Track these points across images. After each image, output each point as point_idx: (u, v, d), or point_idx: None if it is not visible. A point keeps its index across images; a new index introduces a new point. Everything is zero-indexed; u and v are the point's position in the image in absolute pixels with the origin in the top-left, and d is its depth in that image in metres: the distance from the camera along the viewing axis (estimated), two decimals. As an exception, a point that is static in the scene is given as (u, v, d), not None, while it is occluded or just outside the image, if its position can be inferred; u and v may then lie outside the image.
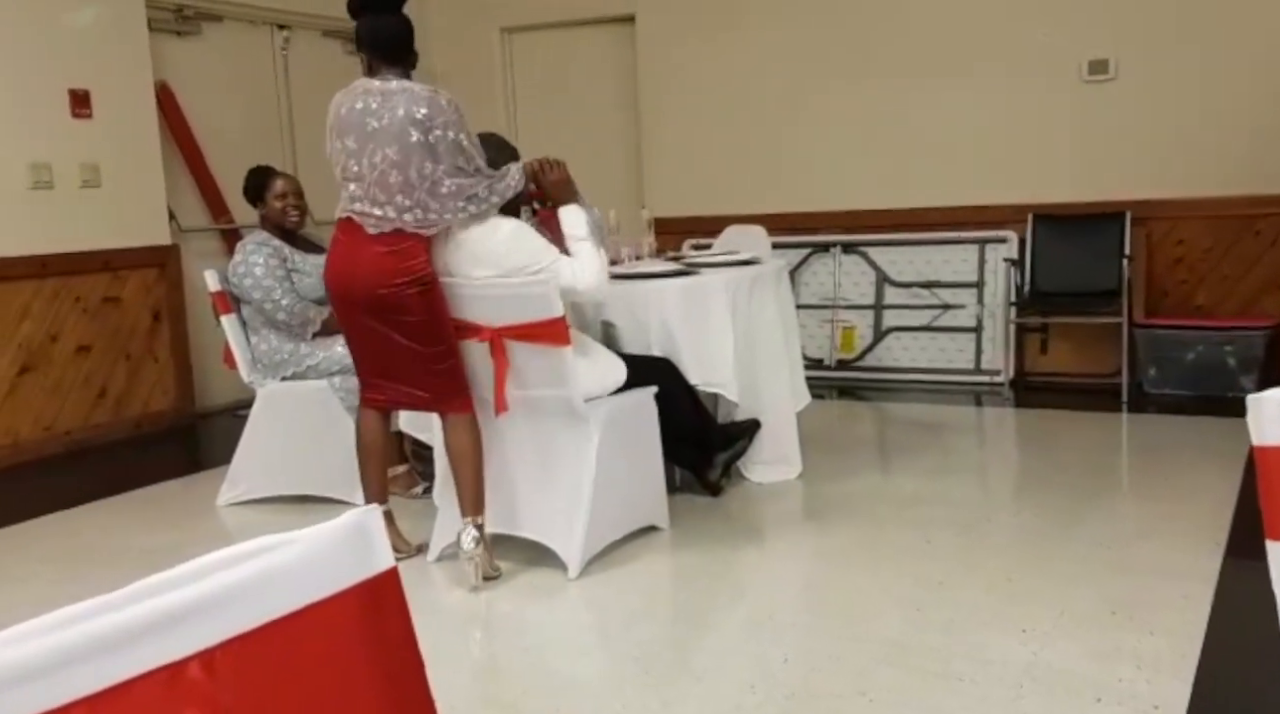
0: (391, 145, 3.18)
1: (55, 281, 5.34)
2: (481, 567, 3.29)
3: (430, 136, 3.17)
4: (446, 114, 3.19)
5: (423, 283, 3.24)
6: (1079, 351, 5.98)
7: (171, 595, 0.79)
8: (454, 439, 3.36)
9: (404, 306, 3.23)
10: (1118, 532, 3.62)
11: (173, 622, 0.79)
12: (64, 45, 5.40)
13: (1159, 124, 5.76)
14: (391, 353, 3.32)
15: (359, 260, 3.25)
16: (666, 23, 6.84)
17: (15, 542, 4.01)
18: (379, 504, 3.45)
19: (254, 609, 0.83)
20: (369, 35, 3.28)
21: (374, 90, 3.25)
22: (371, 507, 0.92)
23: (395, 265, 3.21)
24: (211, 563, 0.83)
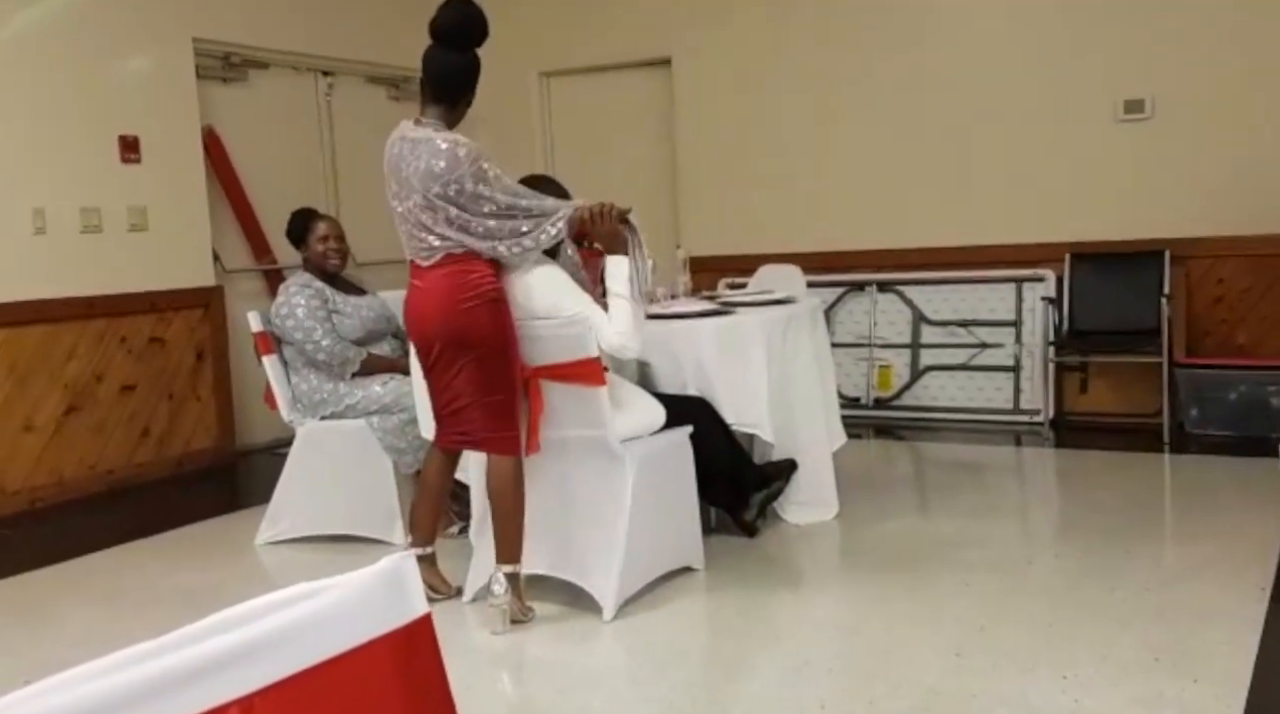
0: (417, 194, 3.24)
1: (102, 322, 5.45)
2: (510, 613, 3.28)
3: (450, 190, 3.21)
4: (463, 167, 3.20)
5: (492, 299, 3.24)
6: (1119, 391, 5.92)
7: (212, 642, 0.81)
8: (496, 481, 3.33)
9: (477, 322, 3.22)
10: (1160, 575, 3.57)
11: (214, 668, 0.81)
12: (115, 92, 5.54)
13: (1196, 163, 5.73)
14: (456, 385, 3.30)
15: (426, 292, 3.29)
16: (702, 65, 6.91)
17: (60, 580, 4.06)
18: (425, 545, 3.46)
19: (293, 656, 0.85)
20: (430, 65, 3.34)
21: (407, 138, 3.31)
22: (407, 553, 0.94)
23: (458, 282, 3.22)
24: (251, 610, 0.84)
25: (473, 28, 3.31)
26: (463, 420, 3.33)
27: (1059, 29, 5.97)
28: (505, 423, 3.30)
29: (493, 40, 3.36)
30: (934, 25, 6.26)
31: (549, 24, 7.34)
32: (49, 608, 3.76)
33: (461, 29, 3.30)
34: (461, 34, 3.30)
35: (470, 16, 3.30)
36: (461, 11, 3.30)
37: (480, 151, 3.27)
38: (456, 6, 3.31)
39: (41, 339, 5.19)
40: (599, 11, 7.17)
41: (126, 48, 5.59)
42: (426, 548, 3.53)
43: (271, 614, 0.85)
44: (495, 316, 3.25)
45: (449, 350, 3.28)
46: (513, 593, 3.31)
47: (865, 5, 6.41)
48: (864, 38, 6.42)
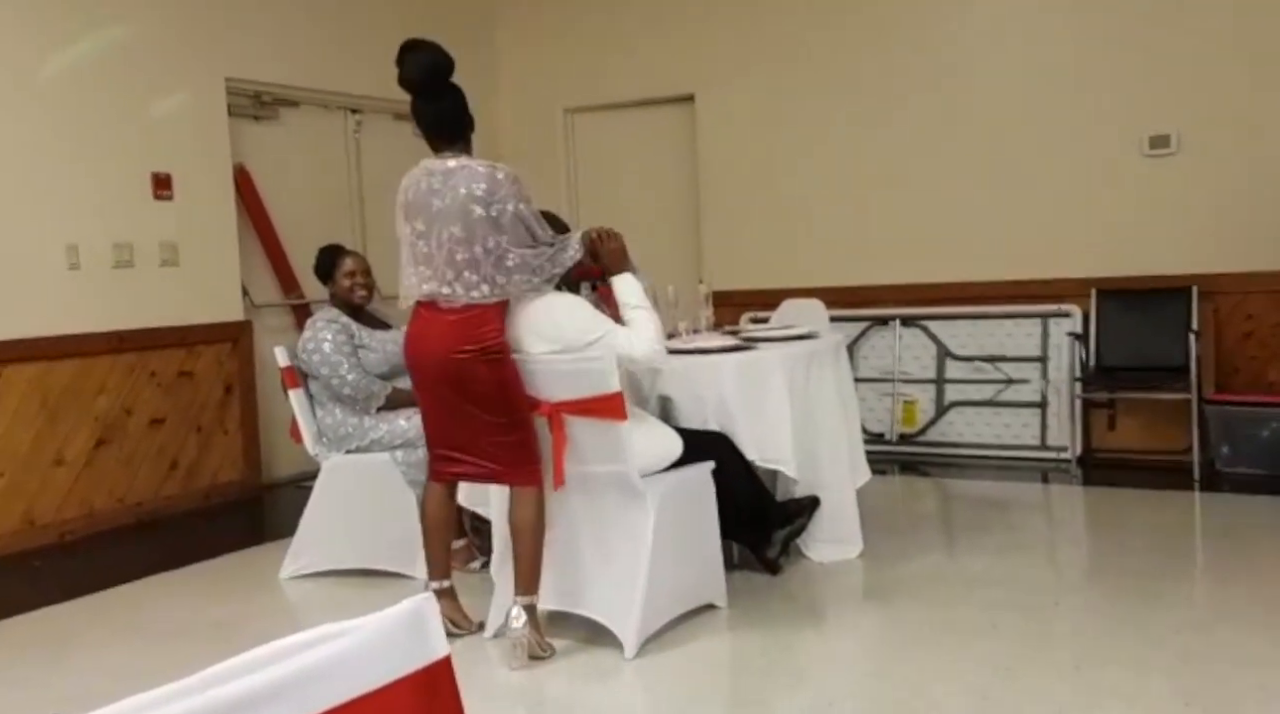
0: (455, 223, 3.26)
1: (132, 356, 5.51)
2: (528, 648, 3.28)
3: (491, 211, 3.25)
4: (505, 188, 3.27)
5: (494, 352, 3.28)
6: (1148, 428, 5.87)
7: (237, 684, 0.82)
8: (518, 513, 3.36)
9: (475, 375, 3.28)
10: (1191, 617, 3.52)
11: (238, 710, 0.82)
12: (149, 130, 5.63)
13: (1222, 198, 5.71)
14: (463, 423, 3.35)
15: (432, 331, 3.33)
16: (725, 102, 6.96)
17: (88, 612, 4.09)
18: (442, 580, 3.48)
19: (315, 698, 0.86)
20: (422, 118, 3.39)
21: (436, 170, 3.34)
22: (428, 595, 0.95)
23: (466, 333, 3.27)
24: (275, 651, 0.85)
25: (440, 68, 3.35)
26: (478, 457, 3.38)
27: (1084, 65, 5.98)
28: (524, 456, 3.35)
29: (517, 77, 3.43)
30: (958, 61, 6.29)
31: (574, 61, 7.42)
32: (76, 640, 3.78)
33: (432, 74, 3.34)
34: (433, 79, 3.35)
35: (433, 60, 3.33)
36: (423, 59, 3.32)
37: (518, 175, 3.32)
38: (414, 56, 3.33)
39: (73, 373, 5.26)
40: (623, 49, 7.24)
41: (161, 87, 5.69)
42: (444, 582, 3.54)
43: (295, 655, 0.86)
44: (494, 370, 3.29)
45: (449, 392, 3.33)
46: (531, 627, 3.31)
47: (889, 42, 6.45)
48: (888, 74, 6.45)
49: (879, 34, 6.47)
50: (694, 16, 6.99)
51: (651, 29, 7.13)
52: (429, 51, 3.34)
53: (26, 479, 5.07)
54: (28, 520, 5.07)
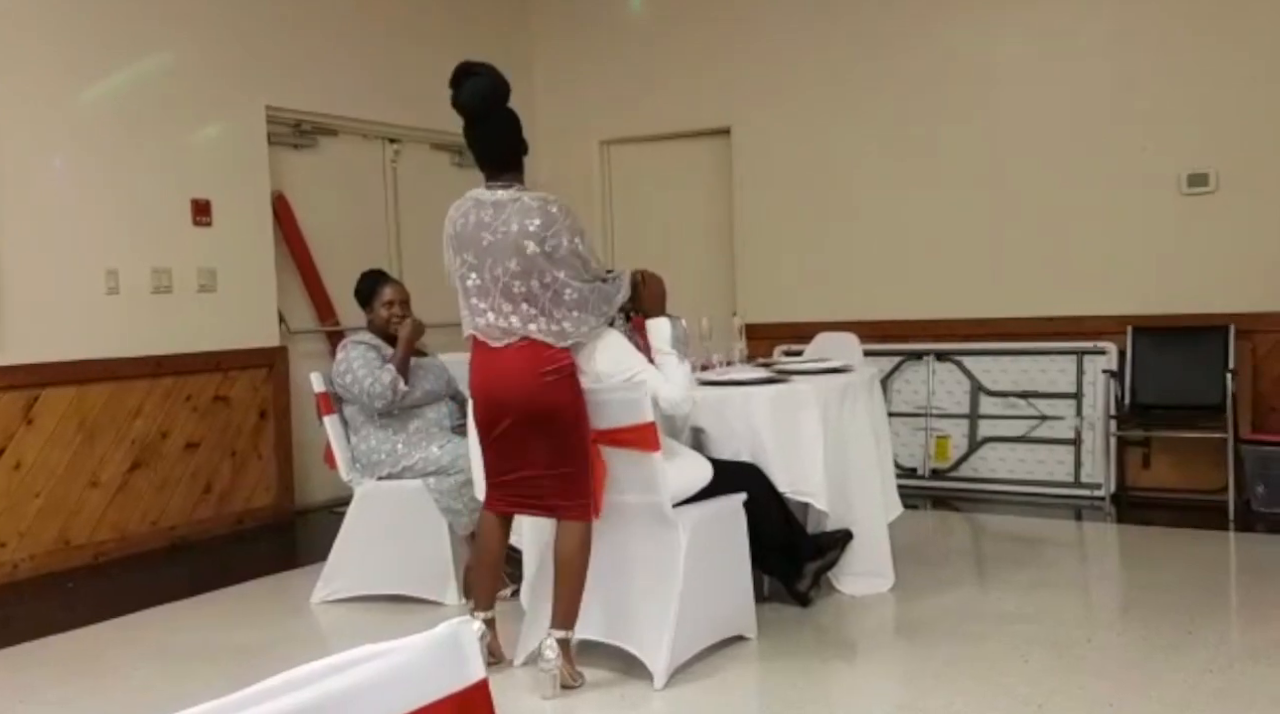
0: (511, 259, 3.20)
1: (169, 381, 5.58)
2: (560, 678, 3.27)
3: (546, 246, 3.19)
4: (560, 222, 3.21)
5: (570, 373, 3.26)
6: (1183, 467, 5.80)
7: (273, 704, 0.83)
8: (564, 545, 3.31)
9: (557, 399, 3.21)
10: (1225, 656, 3.47)
11: (275, 728, 0.83)
12: (190, 157, 5.73)
13: (1261, 237, 5.67)
14: (527, 453, 3.29)
15: (503, 363, 3.25)
16: (760, 135, 6.99)
17: (119, 635, 4.12)
18: (487, 611, 3.45)
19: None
20: (474, 144, 3.33)
21: (485, 202, 3.27)
22: (465, 618, 0.96)
23: (536, 355, 3.22)
24: (312, 672, 0.87)
25: (496, 94, 3.27)
26: (534, 488, 3.33)
27: (1123, 102, 5.97)
28: (578, 490, 3.30)
29: (554, 109, 3.44)
30: (995, 97, 6.29)
31: (610, 93, 7.48)
32: (108, 662, 3.81)
33: (487, 100, 3.27)
34: (488, 105, 3.27)
35: (489, 85, 3.26)
36: (479, 84, 3.26)
37: (568, 207, 3.27)
38: (471, 81, 3.26)
39: (110, 396, 5.33)
40: (659, 81, 7.30)
41: (203, 114, 5.79)
42: (489, 613, 3.50)
43: (332, 677, 0.87)
44: (575, 390, 3.26)
45: (523, 424, 3.26)
46: (565, 659, 3.29)
47: (926, 77, 6.46)
48: (924, 109, 6.46)
49: (916, 69, 6.49)
50: (730, 50, 7.04)
51: (687, 62, 7.18)
52: (484, 76, 3.28)
53: (62, 500, 5.13)
54: (63, 540, 5.13)
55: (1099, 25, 6.05)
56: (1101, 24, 6.05)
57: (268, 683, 0.87)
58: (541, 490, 3.32)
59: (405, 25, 6.84)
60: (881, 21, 6.60)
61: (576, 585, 3.30)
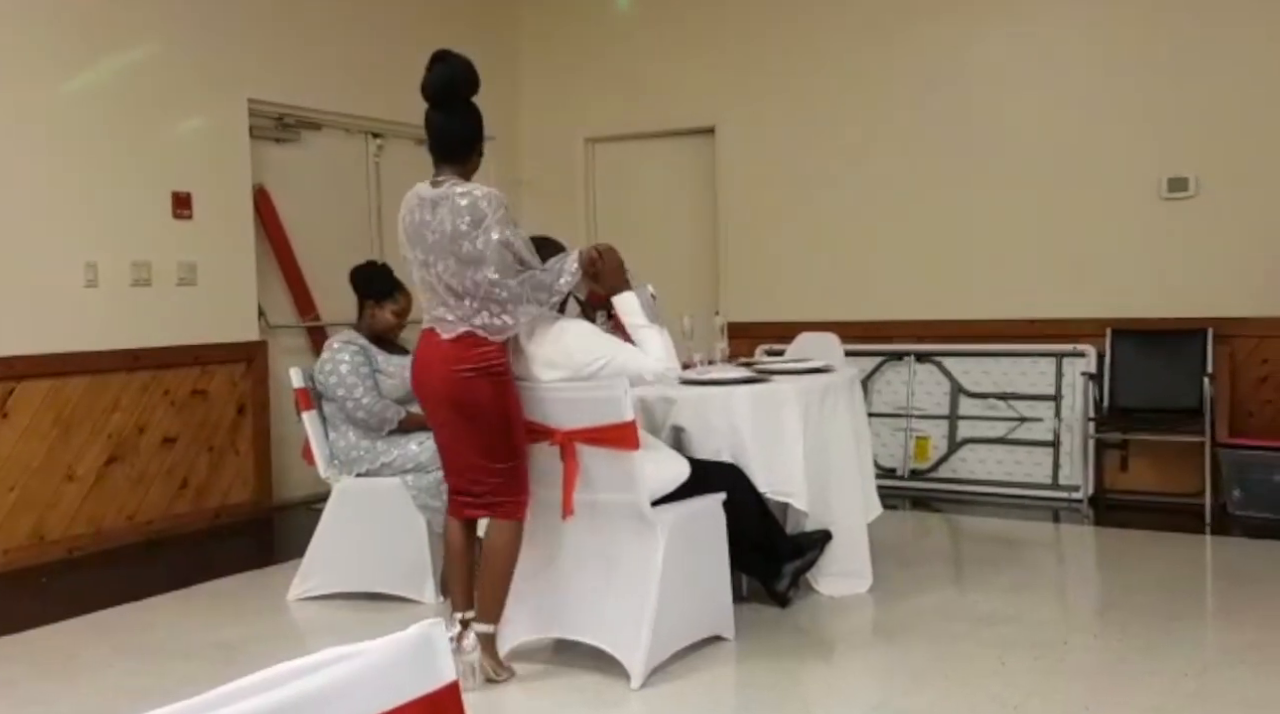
0: (447, 258, 3.24)
1: (146, 375, 5.54)
2: (485, 671, 3.30)
3: (477, 244, 3.21)
4: (489, 217, 3.21)
5: (494, 372, 3.27)
6: (1160, 470, 5.84)
7: (241, 705, 0.82)
8: (492, 541, 3.37)
9: (477, 395, 3.26)
10: (1202, 660, 3.49)
11: (242, 730, 0.82)
12: (170, 150, 5.69)
13: (1240, 242, 5.70)
14: (461, 449, 3.35)
15: (434, 354, 3.33)
16: (745, 135, 6.99)
17: (94, 630, 4.09)
18: (466, 609, 3.43)
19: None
20: (429, 128, 3.36)
21: (426, 200, 3.31)
22: (436, 620, 0.95)
23: (465, 352, 3.26)
24: (281, 674, 0.86)
25: (458, 84, 3.31)
26: (471, 485, 3.38)
27: (1104, 106, 5.99)
28: (510, 489, 3.34)
29: (539, 106, 3.43)
30: (978, 100, 6.31)
31: (595, 91, 7.47)
32: (82, 658, 3.78)
33: (448, 88, 3.31)
34: (449, 93, 3.31)
35: (454, 74, 3.31)
36: (444, 70, 3.31)
37: (497, 196, 3.26)
38: (438, 65, 3.32)
39: (87, 390, 5.29)
40: (645, 80, 7.29)
41: (184, 107, 5.75)
42: (467, 613, 3.48)
43: (302, 678, 0.86)
44: (496, 389, 3.28)
45: (451, 418, 3.33)
46: (488, 653, 3.33)
47: (909, 80, 6.48)
48: (907, 112, 6.48)
49: (899, 73, 6.50)
50: (716, 49, 7.04)
51: (673, 61, 7.18)
52: (451, 63, 3.32)
53: (37, 494, 5.09)
54: (37, 535, 5.08)
55: (1081, 29, 6.08)
56: (1084, 28, 6.07)
57: (235, 684, 0.86)
58: (476, 488, 3.36)
59: (390, 19, 6.81)
60: (866, 24, 6.61)
61: (502, 582, 3.35)
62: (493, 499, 3.35)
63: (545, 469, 3.42)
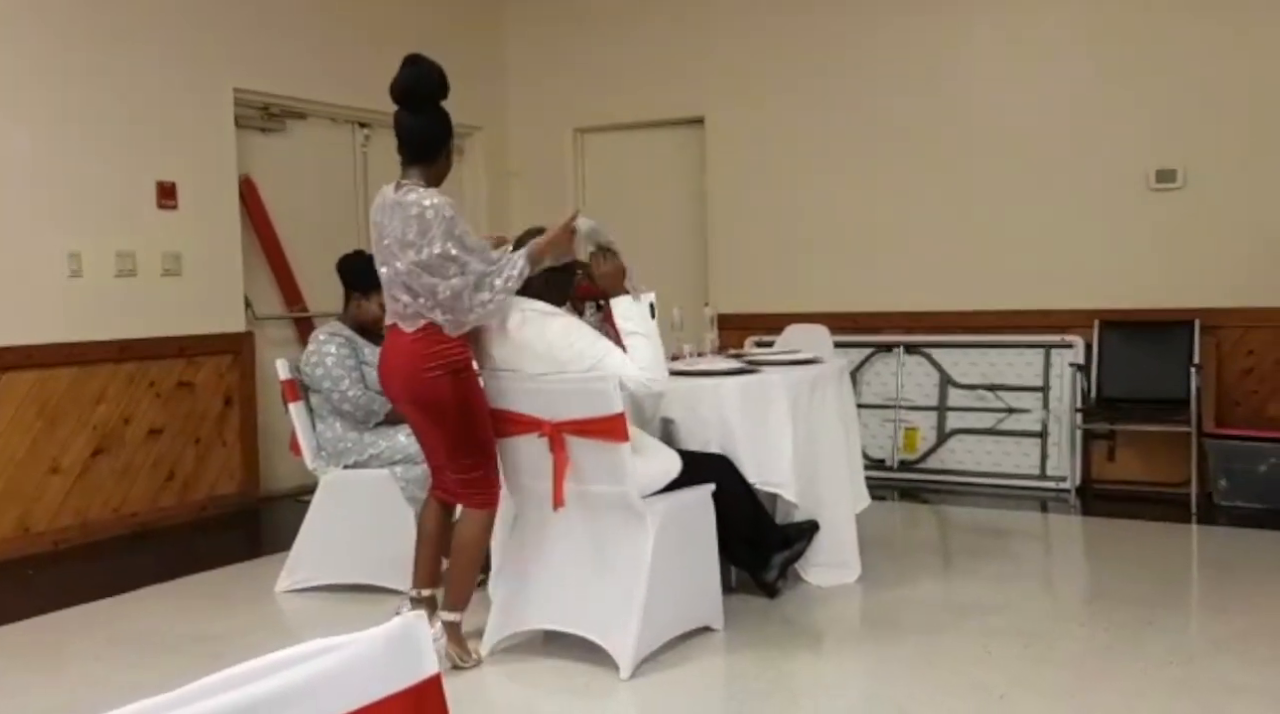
0: (398, 261, 3.29)
1: (132, 366, 5.51)
2: (451, 659, 3.35)
3: (422, 254, 3.24)
4: (432, 230, 3.23)
5: (454, 369, 3.31)
6: (1147, 460, 5.86)
7: (221, 699, 0.81)
8: (462, 531, 3.44)
9: (439, 394, 3.30)
10: (1185, 648, 3.51)
11: (222, 724, 0.81)
12: (155, 139, 5.65)
13: (1228, 233, 5.72)
14: (431, 440, 3.45)
15: (397, 350, 3.37)
16: (735, 125, 6.98)
17: (79, 623, 4.07)
18: (424, 588, 3.51)
19: (304, 713, 0.85)
20: (397, 130, 3.39)
21: (387, 203, 3.35)
22: (419, 613, 0.94)
23: (425, 350, 3.29)
24: (261, 667, 0.85)
25: (425, 87, 3.34)
26: (442, 474, 3.48)
27: (1094, 98, 6.00)
28: (477, 481, 3.40)
29: (528, 96, 3.42)
30: (967, 92, 6.31)
31: (585, 81, 7.45)
32: (67, 650, 3.76)
33: (415, 90, 3.34)
34: (416, 95, 3.35)
35: (421, 76, 3.34)
36: (413, 73, 3.34)
37: (445, 207, 3.25)
38: (408, 68, 3.36)
39: (72, 381, 5.26)
40: (634, 70, 7.27)
41: (169, 96, 5.71)
42: (424, 591, 3.55)
43: (282, 671, 0.85)
44: (457, 387, 3.32)
45: (415, 412, 3.40)
46: (454, 641, 3.38)
47: (898, 70, 6.47)
48: (897, 102, 6.47)
49: (888, 64, 6.50)
50: (705, 40, 7.02)
51: (663, 51, 7.16)
52: (421, 66, 3.35)
53: (22, 486, 5.06)
54: (22, 527, 5.06)
55: (1070, 21, 6.08)
56: (1072, 19, 6.08)
57: (216, 677, 0.85)
58: (447, 476, 3.45)
59: (377, 9, 6.77)
60: (855, 15, 6.60)
61: (472, 572, 3.42)
62: (462, 490, 3.43)
63: (535, 461, 3.41)
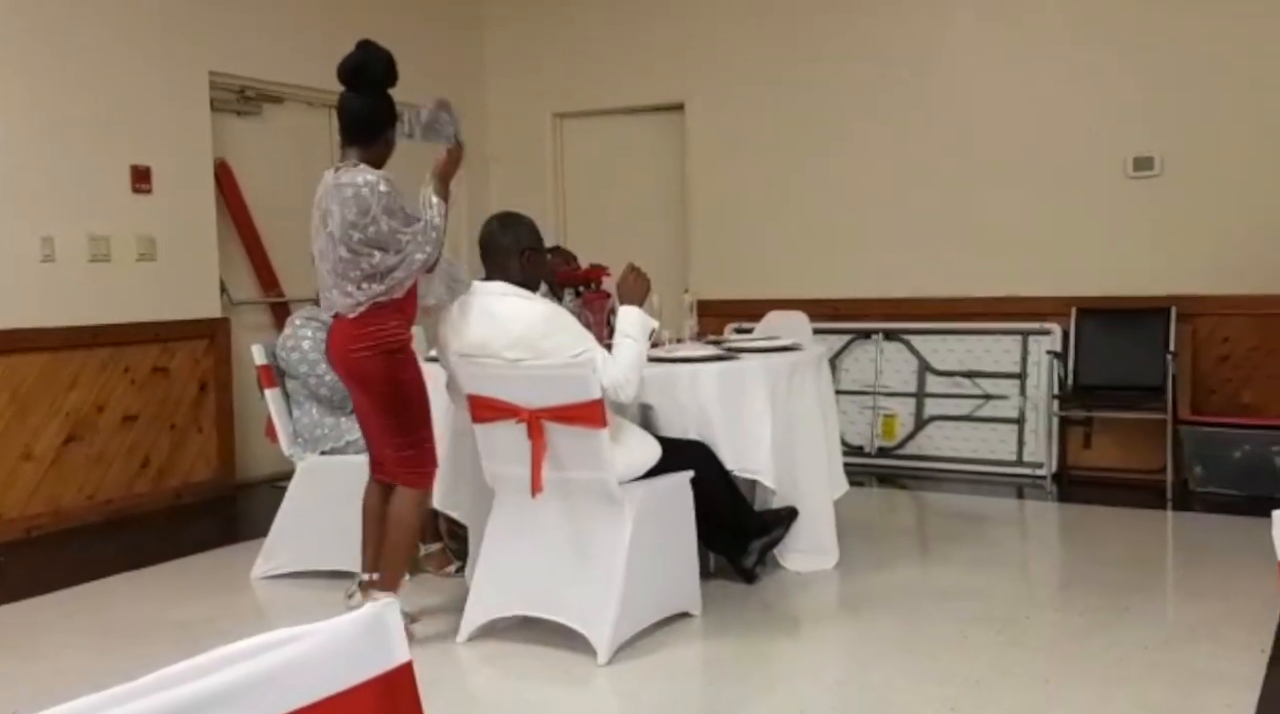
0: (341, 247, 3.32)
1: (105, 352, 5.45)
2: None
3: (367, 233, 3.29)
4: (374, 209, 3.28)
5: (388, 351, 3.37)
6: (1123, 447, 5.90)
7: (190, 686, 0.80)
8: (396, 510, 3.48)
9: (373, 374, 3.38)
10: (1160, 633, 3.53)
11: (191, 712, 0.80)
12: (129, 122, 5.58)
13: (1205, 220, 5.75)
14: (368, 420, 3.53)
15: (335, 333, 3.45)
16: (715, 111, 6.96)
17: (53, 610, 4.04)
18: (375, 571, 3.54)
19: (271, 702, 0.84)
20: (339, 110, 3.46)
21: (328, 186, 3.38)
22: (390, 600, 0.93)
23: (359, 331, 3.36)
24: (231, 654, 0.83)
25: (371, 70, 3.41)
26: (377, 453, 3.55)
27: (1071, 85, 6.01)
28: (410, 460, 3.46)
29: (506, 80, 3.42)
30: (945, 79, 6.31)
31: (564, 66, 7.41)
32: (41, 638, 3.73)
33: (361, 72, 3.41)
34: (361, 77, 3.41)
35: (369, 60, 3.41)
36: (362, 55, 3.42)
37: (379, 183, 3.30)
38: (358, 51, 3.43)
39: (44, 367, 5.20)
40: (613, 55, 7.23)
41: (143, 79, 5.64)
42: (374, 575, 3.57)
43: (251, 659, 0.84)
44: (389, 367, 3.38)
45: (352, 383, 3.50)
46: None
47: (879, 58, 6.47)
48: (877, 90, 6.47)
49: (866, 51, 6.49)
50: (685, 25, 6.99)
51: (643, 36, 7.12)
52: (370, 50, 3.42)
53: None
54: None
55: (1049, 9, 6.09)
56: (1053, 8, 6.08)
57: (183, 664, 0.84)
58: (385, 456, 3.50)
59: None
60: (835, 3, 6.58)
61: (405, 551, 3.50)
62: (397, 470, 3.48)
63: (513, 447, 3.40)
